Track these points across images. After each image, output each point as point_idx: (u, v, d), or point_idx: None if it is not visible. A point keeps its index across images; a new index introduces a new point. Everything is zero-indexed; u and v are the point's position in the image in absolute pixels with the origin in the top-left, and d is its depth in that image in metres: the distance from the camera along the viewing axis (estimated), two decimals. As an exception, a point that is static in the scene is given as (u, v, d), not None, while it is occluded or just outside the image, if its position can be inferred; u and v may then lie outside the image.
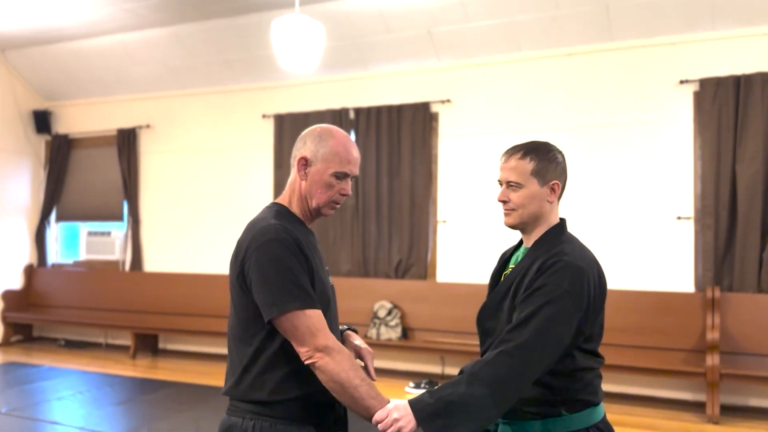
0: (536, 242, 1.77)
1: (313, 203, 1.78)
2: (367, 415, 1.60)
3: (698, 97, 5.52)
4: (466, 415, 1.55)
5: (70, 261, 8.47)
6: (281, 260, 1.63)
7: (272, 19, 6.21)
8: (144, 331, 7.34)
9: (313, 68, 5.18)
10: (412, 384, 5.84)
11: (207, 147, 7.57)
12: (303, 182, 1.78)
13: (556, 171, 1.79)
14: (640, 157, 5.71)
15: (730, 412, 5.15)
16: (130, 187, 7.86)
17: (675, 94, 5.60)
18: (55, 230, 8.55)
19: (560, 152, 1.82)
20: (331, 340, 1.62)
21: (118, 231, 8.03)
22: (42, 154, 8.53)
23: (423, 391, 5.63)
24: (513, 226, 1.82)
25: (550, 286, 1.62)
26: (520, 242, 1.87)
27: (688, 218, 5.53)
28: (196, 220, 7.61)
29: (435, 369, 6.25)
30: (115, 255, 8.01)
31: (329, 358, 1.58)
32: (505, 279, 1.79)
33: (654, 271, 5.60)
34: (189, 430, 4.63)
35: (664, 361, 5.23)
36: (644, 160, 5.69)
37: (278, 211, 1.79)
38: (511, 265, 1.83)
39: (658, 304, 5.45)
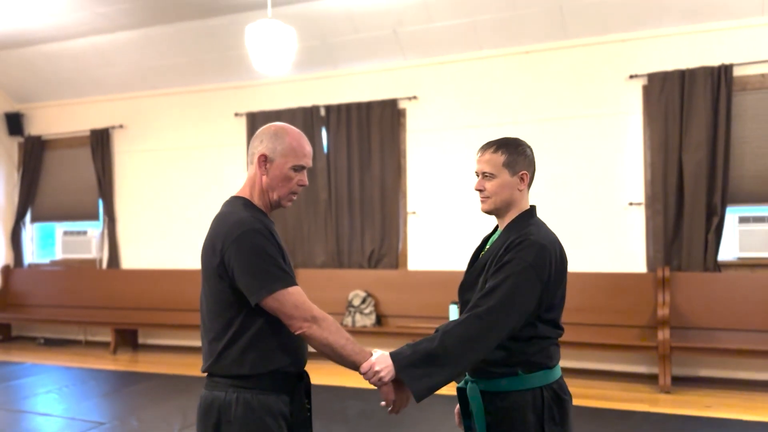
0: (508, 225, 2.05)
1: (275, 196, 1.97)
2: (354, 368, 1.87)
3: (647, 90, 5.90)
4: (439, 367, 1.84)
5: (46, 261, 8.57)
6: (261, 247, 1.83)
7: (243, 20, 6.45)
8: (124, 326, 7.50)
9: (286, 70, 5.41)
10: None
11: (180, 146, 7.75)
12: (264, 177, 1.96)
13: (525, 162, 2.06)
14: (593, 148, 6.08)
15: (681, 382, 5.55)
16: (105, 187, 8.00)
17: (625, 88, 5.98)
18: (30, 231, 8.64)
19: (528, 146, 2.10)
20: (315, 310, 1.85)
21: (94, 230, 8.15)
22: (15, 156, 8.61)
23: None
24: (488, 212, 2.09)
25: (517, 260, 1.90)
26: (497, 227, 2.16)
27: (639, 204, 5.93)
28: (171, 217, 7.79)
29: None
30: (91, 253, 8.14)
31: (316, 326, 1.83)
32: (482, 257, 2.07)
33: (608, 254, 5.98)
34: (177, 418, 4.86)
35: (620, 337, 5.62)
36: (598, 150, 6.06)
37: (244, 204, 1.97)
38: (488, 247, 2.11)
39: (613, 285, 5.84)
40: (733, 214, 5.75)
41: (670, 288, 5.63)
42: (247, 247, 1.82)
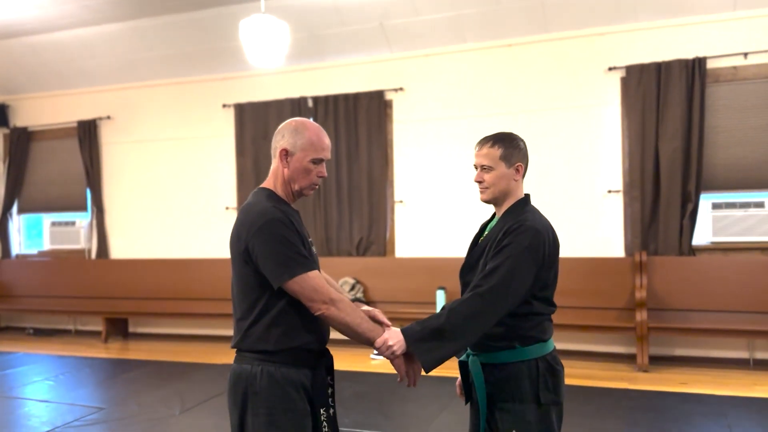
0: (505, 212, 2.23)
1: (296, 186, 2.12)
2: (370, 344, 2.06)
3: (625, 82, 6.13)
4: (446, 341, 2.03)
5: (34, 252, 8.61)
6: (282, 236, 1.98)
7: (231, 12, 6.56)
8: (114, 315, 7.60)
9: (279, 63, 5.54)
10: (375, 352, 6.34)
11: (168, 137, 7.84)
12: (285, 170, 2.11)
13: (520, 155, 2.24)
14: (574, 138, 6.30)
15: (658, 361, 5.83)
16: (93, 178, 8.06)
17: (604, 80, 6.20)
18: (17, 222, 8.66)
19: (522, 140, 2.29)
20: (333, 293, 2.02)
21: (83, 220, 8.22)
22: (1, 148, 8.62)
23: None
24: (487, 201, 2.27)
25: (514, 244, 2.09)
26: (494, 214, 2.34)
27: (618, 191, 6.17)
28: (160, 207, 7.89)
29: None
30: (80, 244, 8.21)
31: (334, 308, 2.00)
32: (481, 242, 2.25)
33: (588, 240, 6.23)
34: (175, 401, 5.00)
35: (599, 319, 5.87)
36: (578, 140, 6.29)
37: (268, 195, 2.11)
38: (486, 232, 2.29)
39: (593, 269, 6.09)
40: (706, 201, 6.00)
41: (647, 271, 5.88)
42: (269, 236, 1.97)
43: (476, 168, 2.25)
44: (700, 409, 4.50)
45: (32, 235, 8.84)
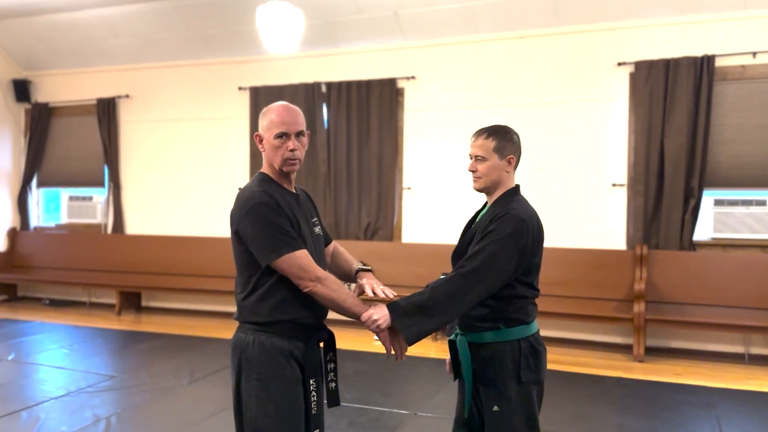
0: (495, 201, 2.37)
1: (276, 165, 2.26)
2: (356, 318, 2.21)
3: (633, 77, 6.21)
4: (428, 317, 2.18)
5: (51, 225, 8.86)
6: (267, 218, 2.13)
7: (249, -3, 6.68)
8: (128, 289, 7.83)
9: (294, 49, 5.68)
10: (379, 333, 6.52)
11: (185, 117, 8.01)
12: (264, 153, 2.29)
13: (512, 148, 2.37)
14: (581, 131, 6.40)
15: (654, 352, 5.96)
16: (111, 155, 8.27)
17: (613, 75, 6.29)
18: (36, 195, 8.91)
19: (516, 133, 2.41)
20: (319, 271, 2.16)
21: (100, 196, 8.44)
22: (22, 122, 8.84)
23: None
24: (479, 190, 2.41)
25: (498, 230, 2.23)
26: (486, 203, 2.48)
27: (622, 185, 6.28)
28: (175, 185, 8.09)
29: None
30: (96, 219, 8.44)
31: (321, 285, 2.15)
32: (472, 229, 2.40)
33: (591, 231, 6.35)
34: (185, 372, 5.21)
35: (598, 309, 6.00)
36: (585, 133, 6.39)
37: (261, 179, 2.28)
38: (477, 220, 2.43)
39: (594, 260, 6.21)
40: (709, 197, 6.10)
41: (647, 265, 6.00)
42: (256, 218, 2.13)
43: (471, 158, 2.39)
44: (690, 399, 4.64)
45: (50, 209, 9.08)
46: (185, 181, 8.03)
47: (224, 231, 7.74)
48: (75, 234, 8.51)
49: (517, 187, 2.41)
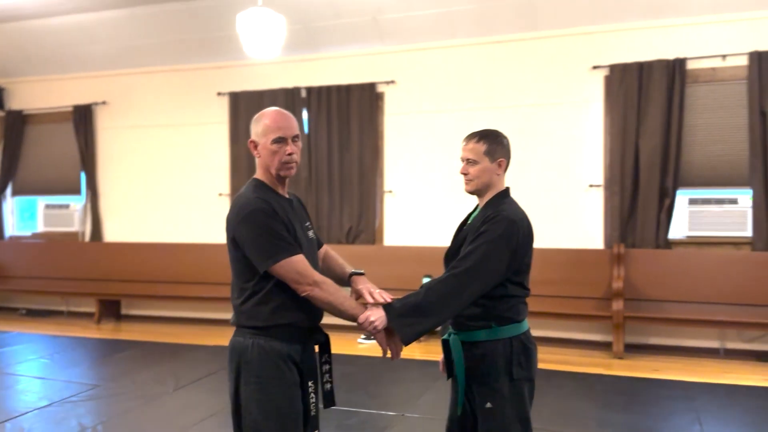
0: (486, 203, 2.43)
1: (273, 170, 2.28)
2: (353, 320, 2.25)
3: (608, 80, 6.34)
4: (423, 317, 2.23)
5: (27, 233, 8.73)
6: (264, 224, 2.16)
7: (228, 2, 6.69)
8: (107, 297, 7.75)
9: (275, 55, 5.71)
10: (363, 336, 6.57)
11: (163, 123, 7.97)
12: (259, 159, 2.31)
13: (503, 151, 2.44)
14: (558, 133, 6.51)
15: (633, 349, 6.08)
16: (88, 162, 8.19)
17: (588, 78, 6.41)
18: (11, 204, 8.78)
19: (506, 137, 2.48)
20: (316, 275, 2.20)
21: (77, 204, 8.35)
22: (-5, 130, 8.72)
23: (373, 342, 6.35)
24: (471, 192, 2.47)
25: (490, 231, 2.29)
26: (477, 205, 2.53)
27: (599, 186, 6.40)
28: (154, 192, 8.03)
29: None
30: (74, 227, 8.35)
31: (318, 289, 2.18)
32: (464, 230, 2.46)
33: (569, 231, 6.46)
34: (170, 380, 5.19)
35: (578, 308, 6.11)
36: (562, 135, 6.50)
37: (255, 185, 2.30)
38: (469, 221, 2.49)
39: (573, 260, 6.32)
40: (683, 196, 6.25)
41: (625, 263, 6.12)
42: (252, 225, 2.16)
43: (462, 161, 2.45)
44: (669, 394, 4.75)
45: (26, 217, 8.96)
46: (164, 187, 7.98)
47: (204, 237, 7.71)
48: (52, 242, 8.40)
49: (508, 189, 2.47)
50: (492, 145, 2.41)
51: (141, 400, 4.67)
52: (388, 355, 2.34)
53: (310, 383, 2.27)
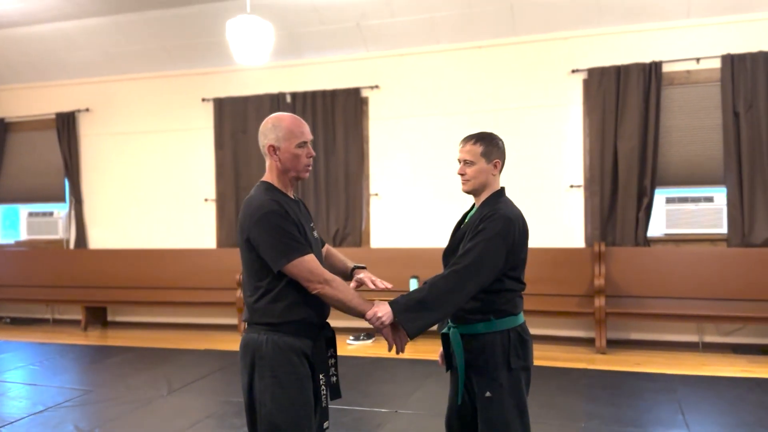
0: (483, 202, 2.55)
1: (293, 173, 2.38)
2: (361, 316, 2.35)
3: (587, 84, 6.53)
4: (427, 311, 2.34)
5: (10, 242, 8.69)
6: (278, 225, 2.25)
7: (212, 9, 6.76)
8: (93, 304, 7.75)
9: (264, 61, 5.79)
10: (351, 337, 6.66)
11: (148, 129, 8.00)
12: (278, 163, 2.37)
13: (498, 153, 2.56)
14: (539, 136, 6.68)
15: (615, 344, 6.25)
16: (72, 169, 8.18)
17: (567, 82, 6.59)
18: (-7, 212, 8.73)
19: (501, 140, 2.60)
20: (326, 274, 2.30)
21: (60, 211, 8.33)
22: (-23, 138, 8.66)
23: (361, 342, 6.45)
24: (468, 192, 2.58)
25: (488, 229, 2.41)
26: (473, 204, 2.65)
27: (579, 186, 6.58)
28: (139, 198, 8.05)
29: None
30: (58, 234, 8.32)
31: (329, 287, 2.28)
32: (461, 229, 2.57)
33: (551, 231, 6.62)
34: (162, 384, 5.23)
35: (561, 305, 6.26)
36: (542, 137, 6.67)
37: (266, 188, 2.38)
38: (467, 220, 2.60)
39: (555, 258, 6.48)
40: (661, 195, 6.44)
41: (605, 261, 6.29)
42: (267, 226, 2.25)
43: (459, 162, 2.57)
44: (652, 386, 4.91)
45: (8, 225, 8.90)
46: (149, 193, 8.00)
47: (190, 243, 7.75)
48: (36, 250, 8.37)
49: (503, 189, 2.59)
50: (488, 146, 2.53)
51: (136, 404, 4.71)
52: (394, 349, 2.44)
53: (321, 376, 2.36)
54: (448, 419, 2.65)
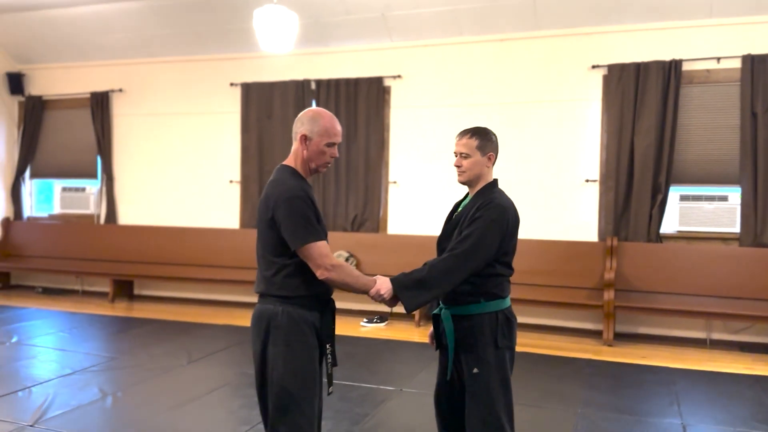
0: (477, 192, 2.73)
1: (313, 165, 2.58)
2: (365, 293, 2.57)
3: (606, 80, 6.60)
4: (425, 290, 2.54)
5: (45, 215, 9.06)
6: (302, 209, 2.45)
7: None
8: (121, 277, 8.08)
9: (288, 49, 5.98)
10: (365, 319, 6.87)
11: (177, 111, 8.27)
12: (305, 152, 2.56)
13: (492, 146, 2.73)
14: (557, 130, 6.78)
15: (623, 337, 6.37)
16: (104, 147, 8.50)
17: (587, 77, 6.67)
18: (29, 186, 9.11)
19: (494, 134, 2.77)
20: (334, 260, 2.49)
21: (92, 187, 8.67)
22: (16, 115, 9.03)
23: (375, 325, 6.66)
24: (463, 183, 2.77)
25: (484, 217, 2.59)
26: (467, 194, 2.83)
27: (594, 181, 6.67)
28: (167, 177, 8.35)
29: (384, 307, 7.28)
30: (89, 209, 8.67)
31: (335, 272, 2.47)
32: (455, 217, 2.76)
33: (565, 224, 6.74)
34: (183, 354, 5.51)
35: (571, 297, 6.38)
36: (560, 132, 6.77)
37: (291, 172, 2.57)
38: (460, 209, 2.78)
39: (568, 251, 6.60)
40: (675, 193, 6.51)
41: (617, 255, 6.40)
42: (292, 208, 2.45)
43: (456, 155, 2.75)
44: (652, 378, 5.04)
45: (43, 199, 9.29)
46: (176, 173, 8.29)
47: (214, 222, 8.03)
48: (68, 224, 8.73)
49: (496, 180, 2.76)
50: (483, 140, 2.70)
51: (157, 371, 4.99)
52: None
53: (327, 346, 2.58)
54: (437, 394, 2.85)
